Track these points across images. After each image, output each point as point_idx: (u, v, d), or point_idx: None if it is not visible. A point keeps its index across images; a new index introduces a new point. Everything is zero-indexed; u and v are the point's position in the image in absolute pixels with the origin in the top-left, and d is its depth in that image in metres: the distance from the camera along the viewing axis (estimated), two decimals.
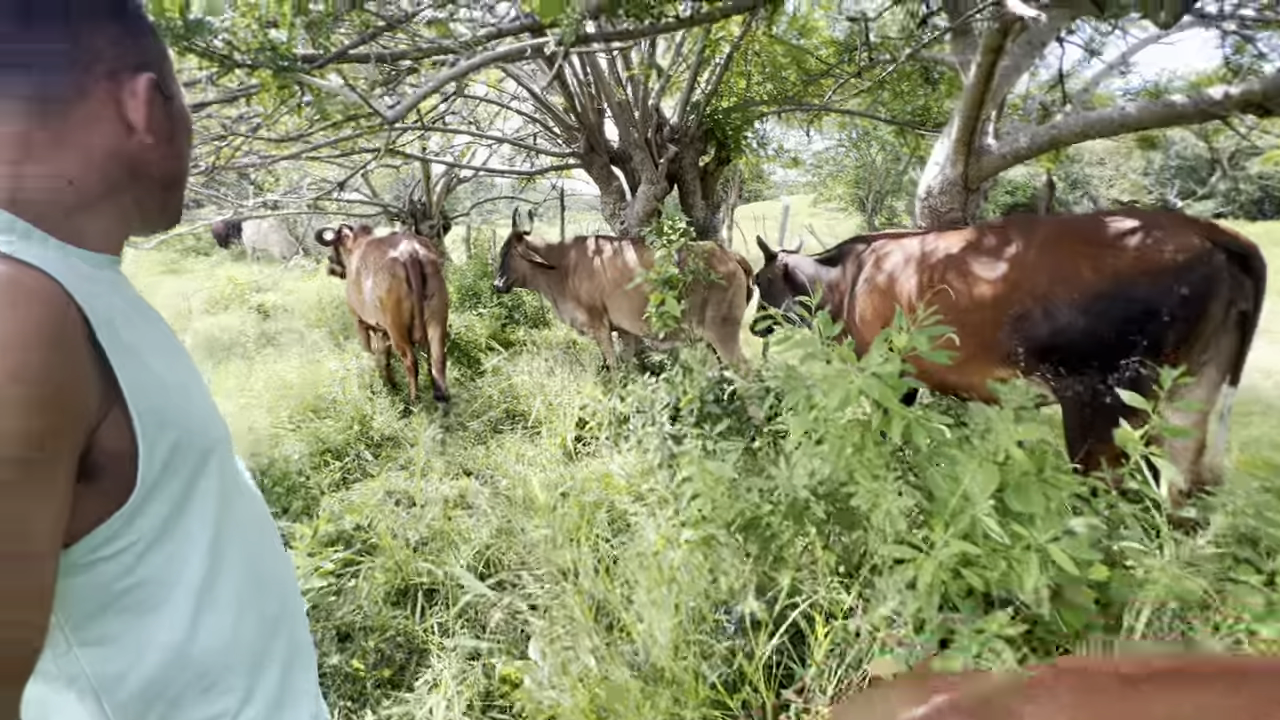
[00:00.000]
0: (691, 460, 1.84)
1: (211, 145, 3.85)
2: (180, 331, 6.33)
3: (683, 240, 3.62)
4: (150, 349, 0.62)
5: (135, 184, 0.65)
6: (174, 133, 0.68)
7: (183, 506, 0.64)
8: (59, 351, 0.50)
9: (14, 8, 0.56)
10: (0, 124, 0.57)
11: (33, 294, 0.49)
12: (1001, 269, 2.23)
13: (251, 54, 1.40)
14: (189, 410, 0.65)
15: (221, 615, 0.67)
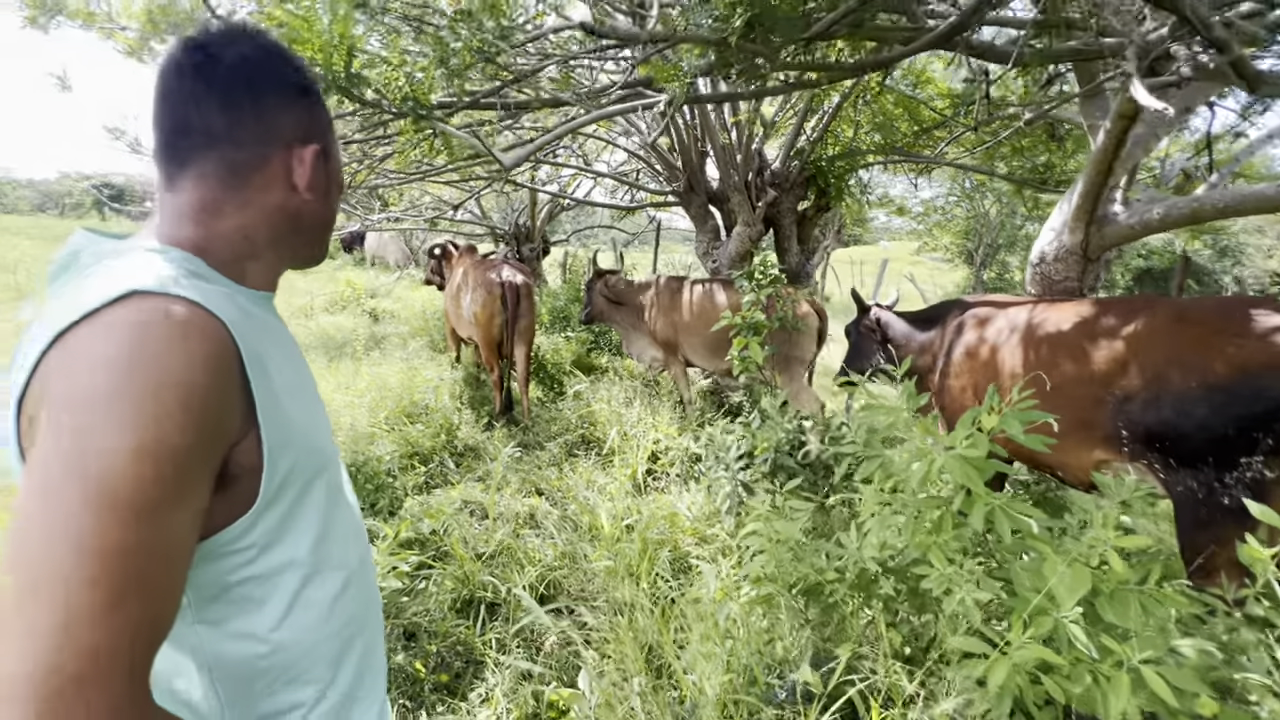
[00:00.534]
0: (759, 515, 1.83)
1: (349, 166, 4.29)
2: (302, 326, 6.99)
3: (773, 286, 3.62)
4: (285, 382, 0.71)
5: (295, 233, 0.77)
6: (329, 188, 0.80)
7: (294, 515, 0.72)
8: (217, 381, 0.59)
9: (221, 98, 0.69)
10: (200, 189, 0.69)
11: (202, 332, 0.58)
12: (1112, 345, 2.09)
13: (397, 103, 1.60)
14: (308, 437, 0.74)
15: (313, 614, 0.75)
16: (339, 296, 8.98)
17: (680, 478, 3.65)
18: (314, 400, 0.81)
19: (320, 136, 0.77)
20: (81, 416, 0.51)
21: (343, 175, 0.86)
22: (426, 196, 8.86)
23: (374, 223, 7.05)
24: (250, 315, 0.69)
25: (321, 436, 0.79)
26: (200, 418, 0.56)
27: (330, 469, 0.81)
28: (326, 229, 0.83)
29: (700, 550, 2.90)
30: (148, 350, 0.54)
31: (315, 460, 0.75)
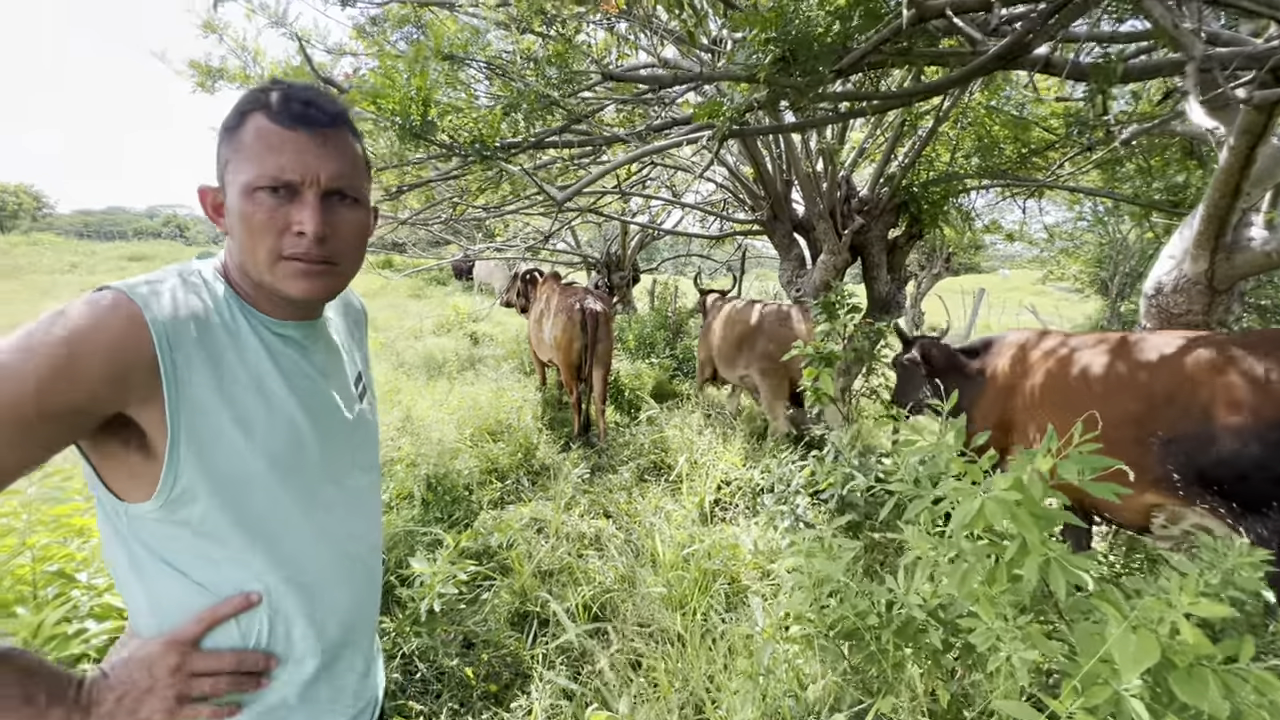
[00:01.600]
0: (799, 549, 1.77)
1: (448, 202, 4.69)
2: (410, 346, 7.60)
3: (852, 316, 3.50)
4: (243, 386, 0.78)
5: (242, 265, 0.82)
6: (238, 222, 0.78)
7: (228, 507, 0.77)
8: (105, 346, 0.67)
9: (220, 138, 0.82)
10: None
11: (112, 312, 0.69)
12: (1154, 382, 2.03)
13: (466, 145, 1.77)
14: (258, 440, 0.78)
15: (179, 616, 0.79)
16: (446, 320, 9.69)
17: (746, 510, 3.58)
18: (282, 421, 0.82)
19: (222, 174, 0.80)
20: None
21: (248, 204, 0.78)
22: (528, 227, 9.42)
23: (477, 252, 7.57)
24: (231, 328, 0.79)
25: (316, 438, 0.85)
26: (70, 370, 0.65)
27: (314, 473, 0.86)
28: (254, 264, 0.79)
29: (760, 585, 2.82)
30: (65, 315, 0.67)
31: (290, 457, 0.81)
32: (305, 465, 0.85)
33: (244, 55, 3.80)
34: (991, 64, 1.53)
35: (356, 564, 0.94)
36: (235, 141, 0.77)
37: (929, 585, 1.68)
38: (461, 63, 2.23)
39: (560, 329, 4.61)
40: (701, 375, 5.23)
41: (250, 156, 0.76)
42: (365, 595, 0.97)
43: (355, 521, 0.95)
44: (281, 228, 0.77)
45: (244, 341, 0.80)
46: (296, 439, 0.84)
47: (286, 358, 0.85)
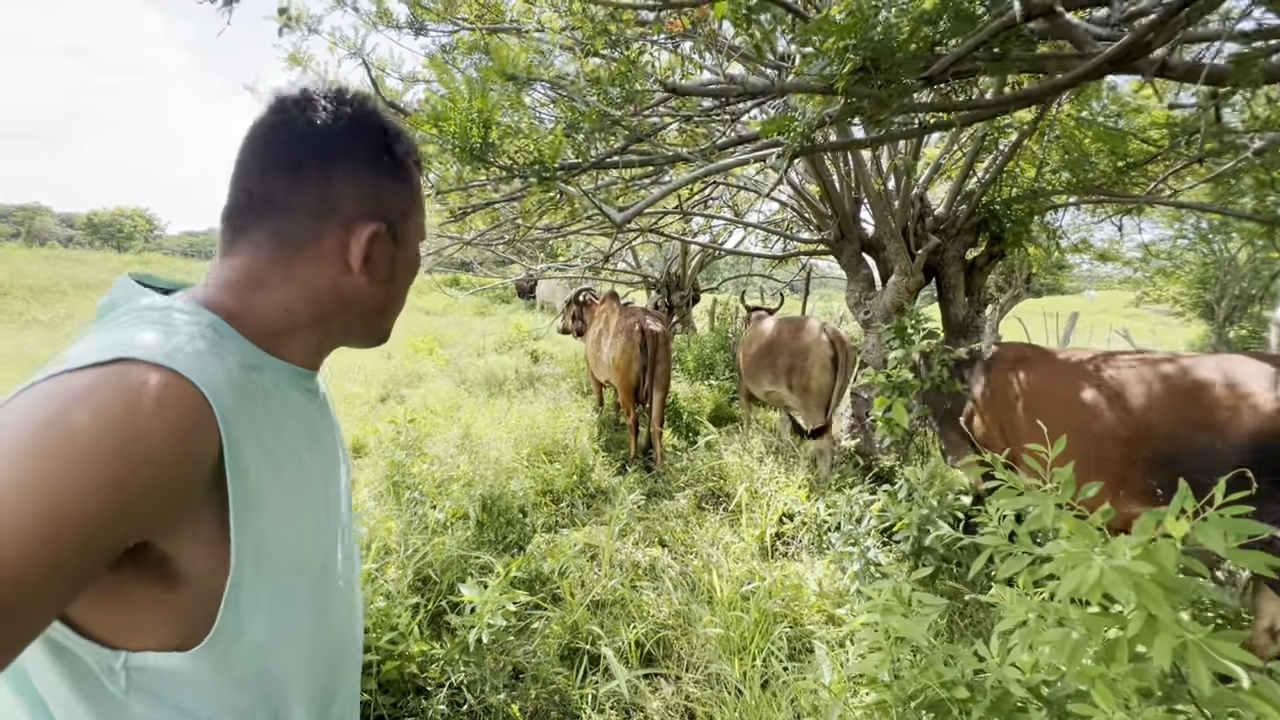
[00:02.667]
0: (874, 604, 1.60)
1: (513, 223, 4.75)
2: (472, 364, 7.75)
3: (927, 342, 3.27)
4: (282, 473, 0.64)
5: (345, 313, 0.71)
6: (393, 275, 0.73)
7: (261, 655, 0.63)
8: (170, 461, 0.52)
9: (287, 165, 0.64)
10: (250, 259, 0.65)
11: (179, 411, 0.52)
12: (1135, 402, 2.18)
13: (525, 167, 1.74)
14: (294, 550, 0.66)
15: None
16: (508, 338, 9.87)
17: (811, 546, 3.37)
18: (317, 493, 0.72)
19: (389, 217, 0.70)
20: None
21: (418, 254, 0.78)
22: (589, 247, 9.51)
23: (539, 271, 7.67)
24: (266, 394, 0.64)
25: (311, 539, 0.70)
26: (122, 500, 0.49)
27: (316, 584, 0.71)
28: (383, 313, 0.75)
29: (825, 632, 2.62)
30: (92, 413, 0.49)
31: (295, 570, 0.67)
32: (331, 550, 0.74)
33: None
34: (1102, 67, 1.36)
35: (358, 667, 0.85)
36: (408, 188, 0.72)
37: (1027, 656, 1.47)
38: (524, 85, 2.22)
39: (619, 349, 4.56)
40: (742, 394, 5.17)
41: (419, 209, 0.75)
42: (357, 701, 0.86)
43: (358, 613, 0.83)
44: None
45: (274, 404, 0.66)
46: (324, 527, 0.73)
47: (309, 413, 0.73)
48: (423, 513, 3.17)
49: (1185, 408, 2.05)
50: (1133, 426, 2.14)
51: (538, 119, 1.98)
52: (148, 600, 0.56)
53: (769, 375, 4.64)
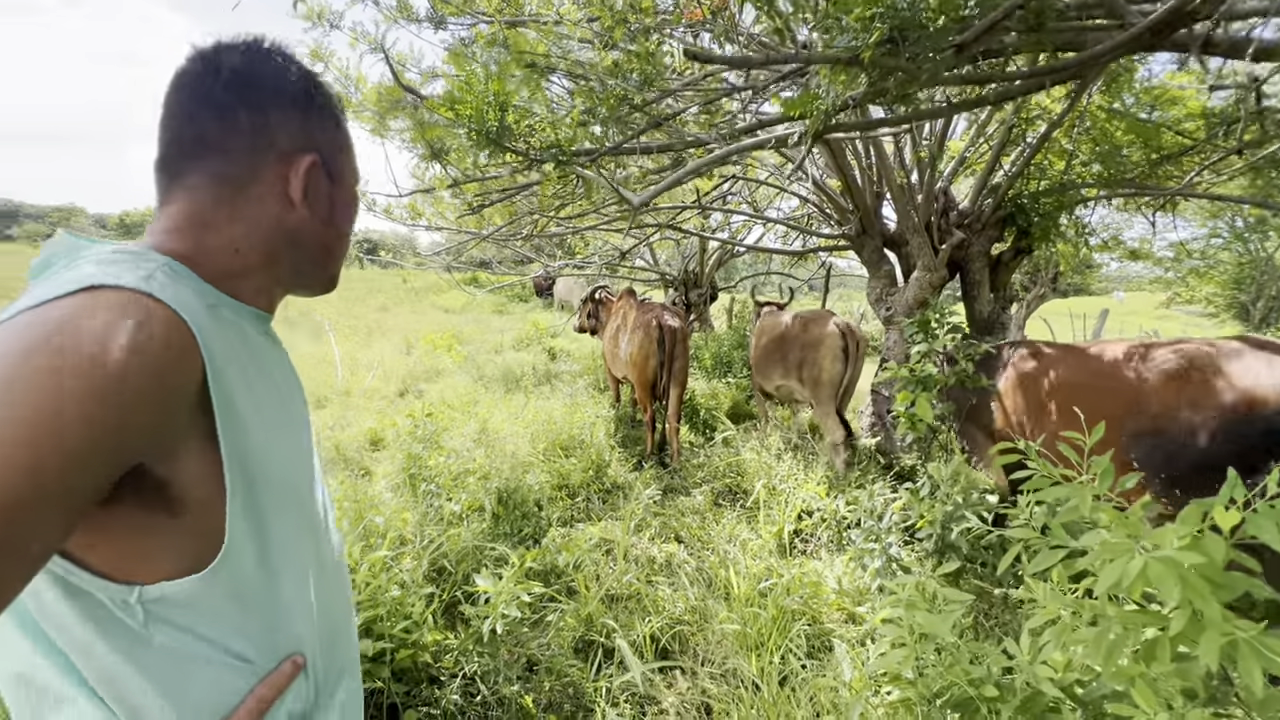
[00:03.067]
0: (898, 600, 1.54)
1: (530, 218, 4.74)
2: (491, 360, 7.78)
3: (950, 337, 3.19)
4: (260, 405, 0.65)
5: (293, 251, 0.72)
6: (333, 211, 0.75)
7: (261, 572, 0.65)
8: (157, 384, 0.52)
9: (215, 108, 0.65)
10: (190, 201, 0.66)
11: (159, 329, 0.53)
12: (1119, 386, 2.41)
13: (541, 151, 1.71)
14: (282, 470, 0.68)
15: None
16: (525, 335, 9.90)
17: (830, 544, 3.31)
18: (297, 435, 0.75)
19: (323, 150, 0.72)
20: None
21: (356, 195, 0.80)
22: (607, 245, 9.50)
23: (556, 269, 7.67)
24: (234, 329, 0.65)
25: (298, 475, 0.73)
26: (123, 419, 0.49)
27: (308, 510, 0.73)
28: (329, 250, 0.77)
29: (845, 630, 2.56)
30: (72, 337, 0.48)
31: (293, 494, 0.69)
32: (312, 491, 0.77)
33: (347, 83, 4.02)
34: (1143, 38, 1.29)
35: (349, 604, 0.86)
36: (336, 125, 0.75)
37: (1059, 654, 1.41)
38: (543, 72, 2.19)
39: (637, 345, 4.53)
40: (756, 390, 5.19)
41: (348, 151, 0.78)
42: (354, 635, 0.87)
43: (340, 550, 0.86)
44: None
45: (249, 342, 0.67)
46: (303, 450, 0.75)
47: (273, 355, 0.74)
48: (439, 505, 3.16)
49: (1163, 389, 2.29)
50: (1118, 406, 2.38)
51: (555, 106, 1.96)
52: (154, 528, 0.57)
53: (780, 369, 4.66)
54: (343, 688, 0.78)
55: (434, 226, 5.56)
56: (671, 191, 6.92)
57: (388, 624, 2.07)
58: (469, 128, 1.59)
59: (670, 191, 6.75)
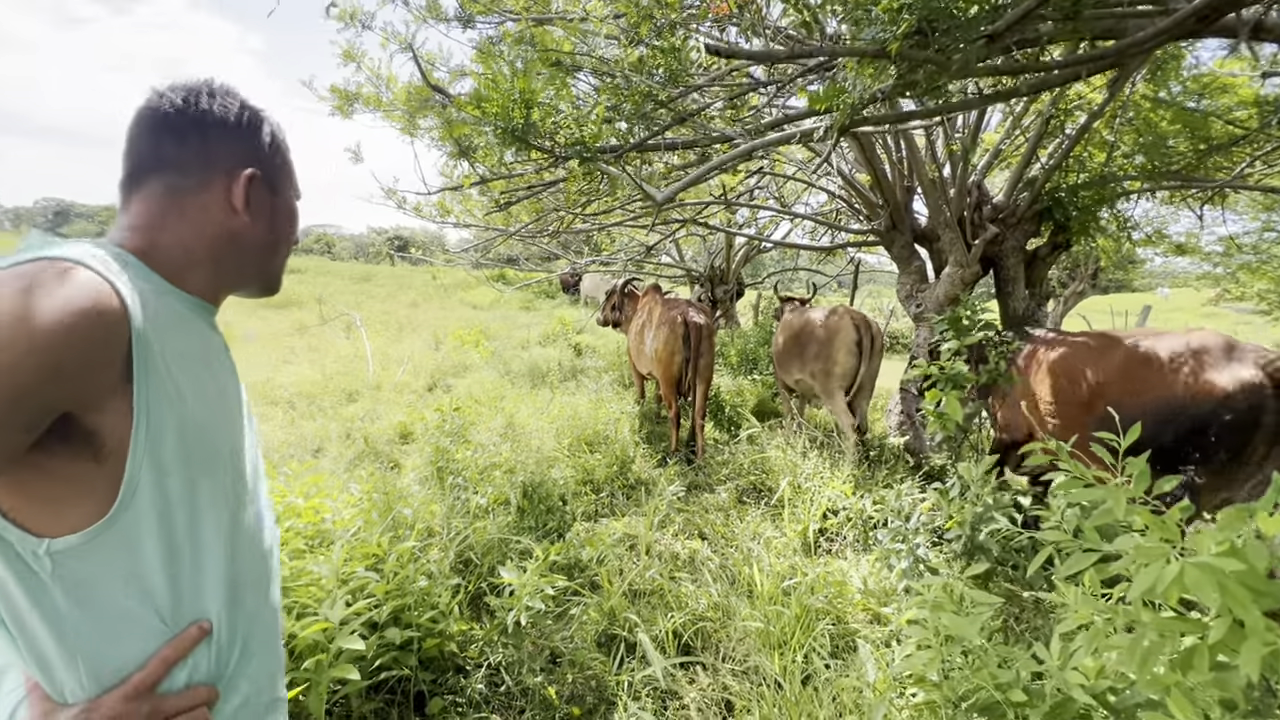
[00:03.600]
0: (924, 600, 1.52)
1: (555, 215, 4.77)
2: (517, 355, 7.86)
3: (983, 334, 3.12)
4: (190, 378, 0.73)
5: (236, 251, 0.83)
6: (274, 219, 0.86)
7: (166, 521, 0.70)
8: (83, 335, 0.59)
9: (170, 132, 0.77)
10: (146, 205, 0.77)
11: (87, 291, 0.61)
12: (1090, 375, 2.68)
13: (566, 147, 1.72)
14: (204, 434, 0.74)
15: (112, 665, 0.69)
16: (551, 331, 9.97)
17: (856, 543, 3.27)
18: (230, 420, 0.82)
19: (263, 166, 0.84)
20: None
21: (295, 209, 0.92)
22: (633, 241, 9.50)
23: (582, 265, 7.70)
24: (171, 311, 0.73)
25: (222, 453, 0.78)
26: (53, 369, 0.57)
27: (228, 482, 0.79)
28: (269, 253, 0.88)
29: (870, 630, 2.53)
30: (19, 294, 0.57)
31: (211, 462, 0.75)
32: (238, 456, 0.82)
33: (378, 83, 4.10)
34: (1188, 24, 1.24)
35: (273, 579, 0.90)
36: (280, 154, 0.88)
37: (1091, 660, 1.38)
38: (569, 70, 2.20)
39: (662, 341, 4.53)
40: (779, 385, 5.28)
41: (288, 169, 0.90)
42: (277, 608, 0.91)
43: (268, 529, 0.90)
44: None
45: (185, 327, 0.76)
46: (232, 430, 0.81)
47: (209, 342, 0.82)
48: (465, 498, 3.22)
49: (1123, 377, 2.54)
50: (1087, 393, 2.63)
51: (580, 103, 1.97)
52: (77, 476, 0.63)
53: (797, 363, 4.73)
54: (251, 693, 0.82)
55: (462, 224, 5.64)
56: (698, 187, 6.89)
57: (415, 613, 2.12)
58: (495, 125, 1.61)
59: (697, 188, 6.72)
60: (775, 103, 2.48)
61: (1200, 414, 2.21)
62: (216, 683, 0.76)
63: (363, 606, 1.91)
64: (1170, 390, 2.32)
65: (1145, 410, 2.32)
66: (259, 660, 0.83)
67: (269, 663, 0.86)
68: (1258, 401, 2.13)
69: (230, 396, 0.84)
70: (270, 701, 0.86)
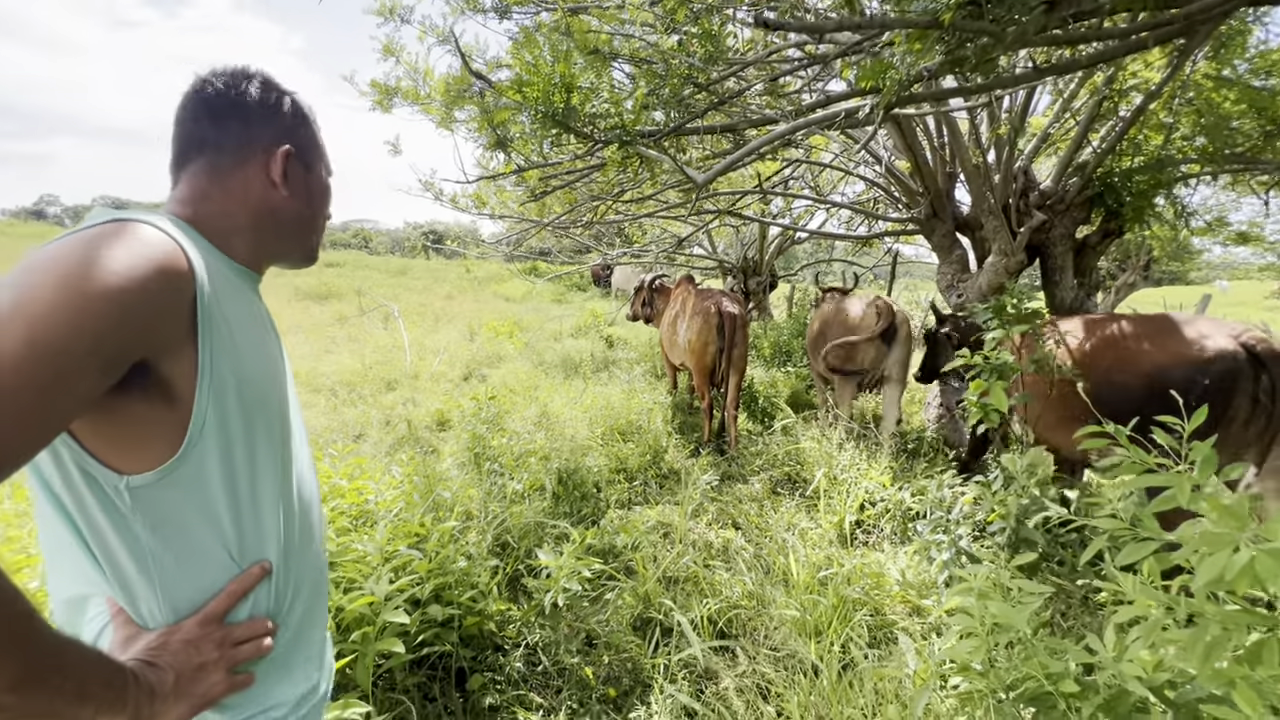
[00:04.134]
0: (968, 587, 1.49)
1: (590, 205, 4.79)
2: (550, 347, 7.93)
3: (1028, 325, 3.02)
4: (244, 335, 0.78)
5: (275, 223, 0.88)
6: (310, 193, 0.92)
7: (230, 462, 0.75)
8: (154, 288, 0.64)
9: (211, 114, 0.84)
10: (193, 182, 0.83)
11: (159, 248, 0.67)
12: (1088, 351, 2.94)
13: (605, 131, 1.73)
14: (260, 386, 0.80)
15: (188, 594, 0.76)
16: (583, 323, 10.03)
17: (894, 535, 3.21)
18: (276, 377, 0.87)
19: (297, 144, 0.89)
20: (19, 275, 0.59)
21: (328, 185, 0.97)
22: (665, 233, 9.47)
23: (614, 257, 7.71)
24: (221, 273, 0.79)
25: (273, 406, 0.84)
26: (125, 316, 0.61)
27: (277, 435, 0.84)
28: (306, 225, 0.94)
29: (909, 623, 2.49)
30: (96, 248, 0.62)
31: (263, 414, 0.80)
32: (288, 417, 0.88)
33: (416, 76, 4.16)
34: None
35: (318, 525, 0.96)
36: (312, 133, 0.94)
37: (1148, 653, 1.33)
38: (605, 59, 2.20)
39: (695, 331, 4.51)
40: (814, 374, 5.33)
41: (319, 147, 0.95)
42: (322, 557, 0.97)
43: (312, 484, 0.96)
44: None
45: (239, 290, 0.82)
46: (283, 390, 0.87)
47: (259, 311, 0.88)
48: (502, 483, 3.27)
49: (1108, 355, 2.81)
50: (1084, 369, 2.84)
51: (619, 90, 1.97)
52: (151, 419, 0.69)
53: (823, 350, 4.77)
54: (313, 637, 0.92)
55: (497, 215, 5.71)
56: (732, 178, 6.82)
57: (456, 592, 2.16)
58: (535, 110, 1.62)
59: (730, 178, 6.65)
60: (814, 86, 2.43)
61: (1180, 379, 2.45)
62: (274, 618, 0.83)
63: (406, 583, 1.97)
64: (1155, 360, 2.59)
65: (1139, 379, 2.61)
66: (309, 601, 0.91)
67: (317, 605, 0.94)
68: (1233, 367, 2.41)
69: (275, 359, 0.89)
70: (321, 639, 0.96)
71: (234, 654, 0.76)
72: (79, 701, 0.58)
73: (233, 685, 0.76)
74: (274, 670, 0.83)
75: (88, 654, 0.61)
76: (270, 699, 0.83)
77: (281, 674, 0.85)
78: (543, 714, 2.04)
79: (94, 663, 0.61)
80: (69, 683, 0.56)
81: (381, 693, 1.94)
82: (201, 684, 0.73)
